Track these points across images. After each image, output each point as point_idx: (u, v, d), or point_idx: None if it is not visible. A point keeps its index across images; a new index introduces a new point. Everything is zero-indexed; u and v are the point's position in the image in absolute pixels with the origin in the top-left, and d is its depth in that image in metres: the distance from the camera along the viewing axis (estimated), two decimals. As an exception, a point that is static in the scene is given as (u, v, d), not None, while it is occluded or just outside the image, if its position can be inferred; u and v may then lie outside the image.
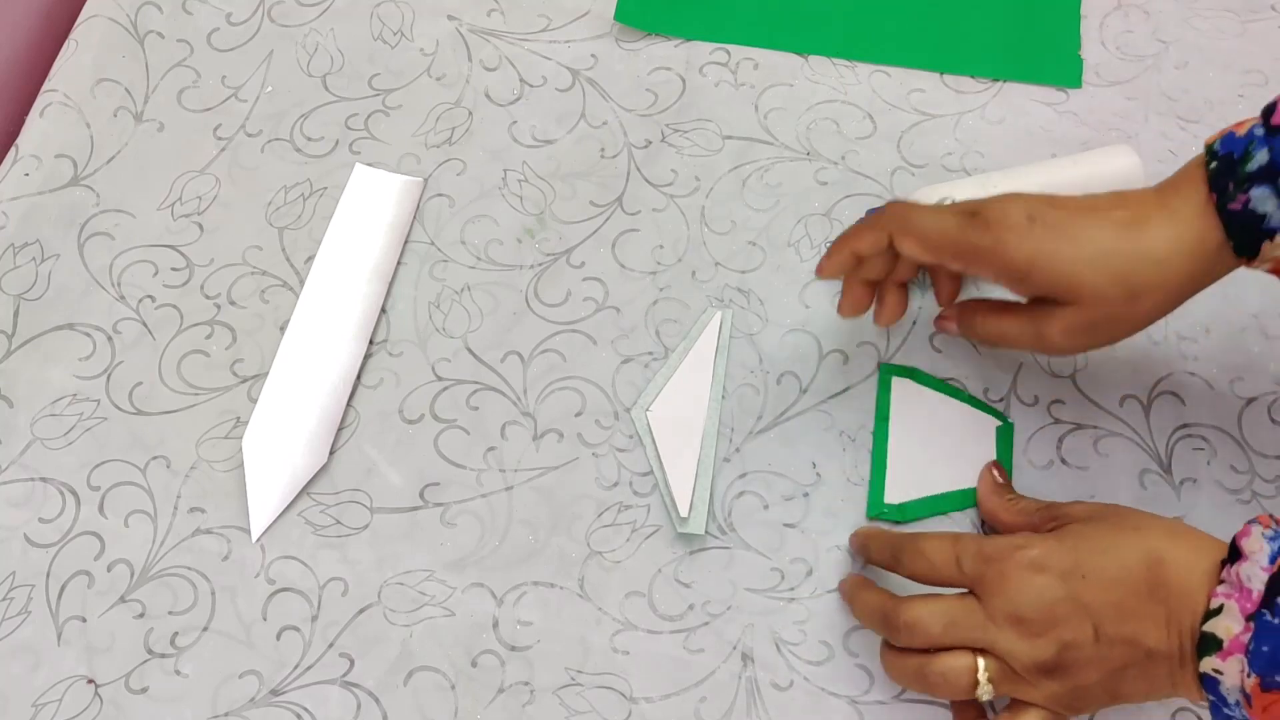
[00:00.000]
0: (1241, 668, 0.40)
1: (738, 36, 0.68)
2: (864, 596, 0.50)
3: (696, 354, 0.59)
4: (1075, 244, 0.47)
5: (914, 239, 0.49)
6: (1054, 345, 0.49)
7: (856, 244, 0.50)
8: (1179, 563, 0.44)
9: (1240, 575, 0.41)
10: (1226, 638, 0.41)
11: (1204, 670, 0.42)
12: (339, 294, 0.61)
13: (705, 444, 0.56)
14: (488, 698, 0.52)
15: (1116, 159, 0.58)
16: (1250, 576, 0.41)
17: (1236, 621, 0.41)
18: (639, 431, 0.57)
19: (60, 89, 0.66)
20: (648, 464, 0.57)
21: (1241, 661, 0.40)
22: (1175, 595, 0.43)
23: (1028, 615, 0.44)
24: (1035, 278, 0.47)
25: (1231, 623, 0.41)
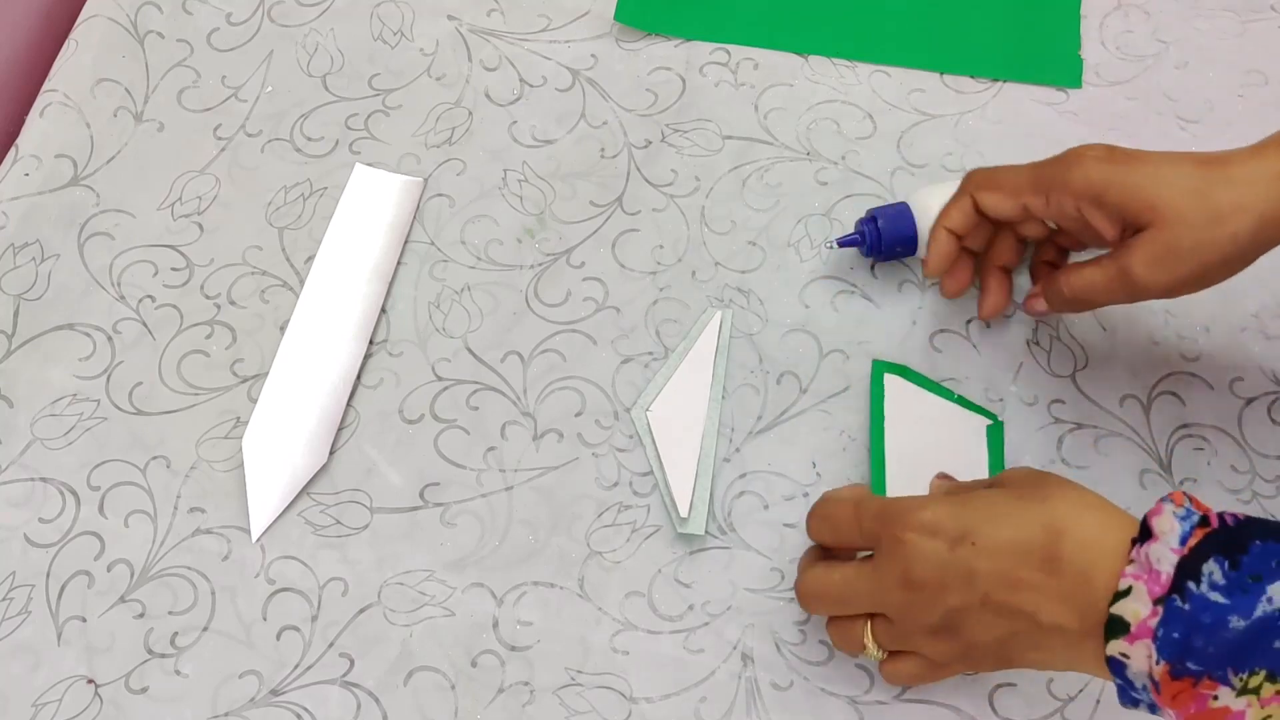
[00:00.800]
0: (1149, 653, 0.39)
1: (738, 36, 0.68)
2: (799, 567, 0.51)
3: (696, 354, 0.59)
4: (1153, 166, 0.48)
5: (993, 189, 0.51)
6: (1140, 281, 0.48)
7: (946, 221, 0.53)
8: (1082, 537, 0.42)
9: (1150, 556, 0.40)
10: (1134, 621, 0.39)
11: (1110, 654, 0.40)
12: (339, 294, 0.61)
13: (705, 444, 0.56)
14: (488, 698, 0.52)
15: None
16: (1160, 558, 0.39)
17: (1144, 605, 0.39)
18: (639, 431, 0.57)
19: (60, 89, 0.66)
20: (648, 464, 0.57)
21: (1149, 647, 0.39)
22: (1073, 570, 0.42)
23: (916, 578, 0.44)
24: (1111, 195, 0.48)
25: (1139, 606, 0.39)
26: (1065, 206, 0.50)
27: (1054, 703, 0.51)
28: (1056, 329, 0.60)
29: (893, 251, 0.59)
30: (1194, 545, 0.39)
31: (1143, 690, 0.40)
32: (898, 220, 0.58)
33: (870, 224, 0.59)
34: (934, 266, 0.55)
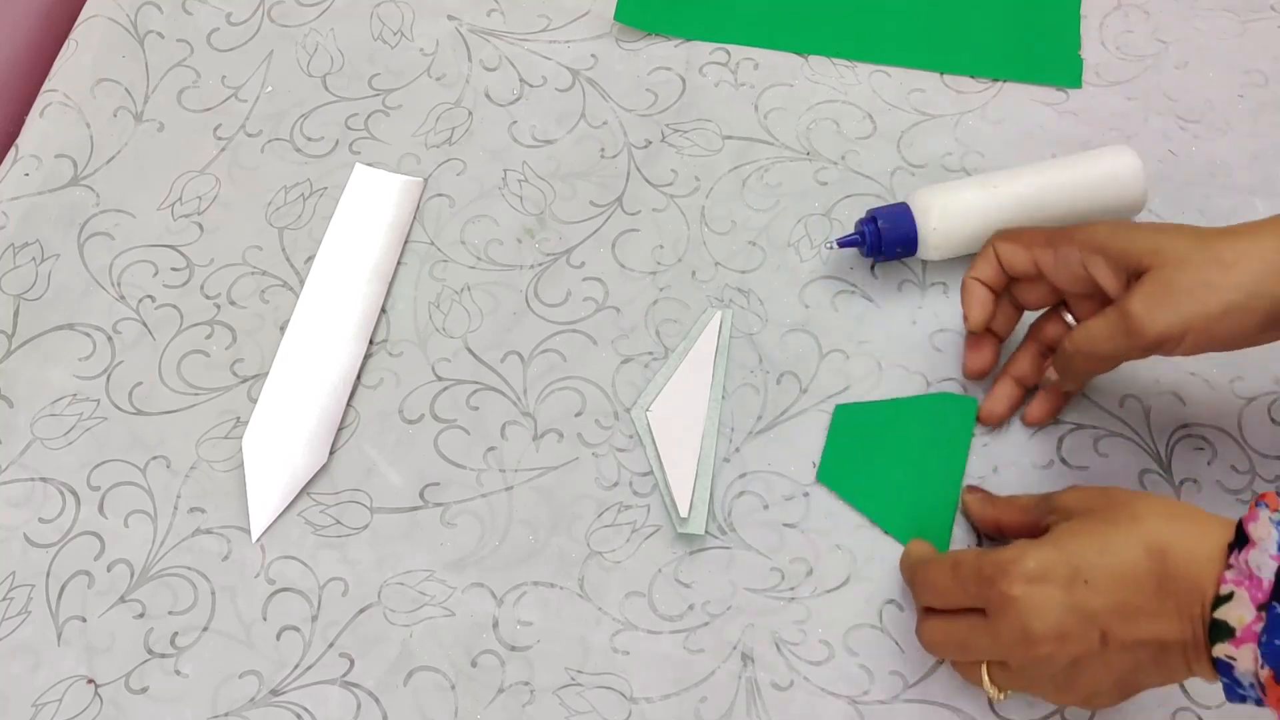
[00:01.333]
0: (1255, 656, 0.40)
1: (738, 36, 0.68)
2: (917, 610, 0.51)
3: (696, 354, 0.59)
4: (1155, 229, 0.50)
5: (1010, 240, 0.53)
6: (1139, 322, 0.47)
7: (973, 273, 0.55)
8: (1183, 550, 0.43)
9: (1249, 562, 0.41)
10: (1239, 626, 0.40)
11: (1217, 655, 0.41)
12: (339, 294, 0.61)
13: (705, 444, 0.56)
14: (488, 698, 0.52)
15: (1117, 159, 0.58)
16: (1260, 565, 0.40)
17: (1247, 610, 0.40)
18: (639, 431, 0.57)
19: (60, 89, 0.66)
20: (648, 464, 0.57)
21: (1254, 650, 0.40)
22: (1183, 584, 0.42)
23: (1036, 633, 0.44)
24: (1114, 245, 0.49)
25: (1243, 611, 0.40)
26: (1071, 261, 0.51)
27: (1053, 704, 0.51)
28: (1056, 329, 0.59)
29: (893, 251, 0.59)
30: None
31: (1250, 689, 0.41)
32: (897, 220, 0.58)
33: (870, 224, 0.59)
34: (974, 318, 0.55)
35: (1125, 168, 0.58)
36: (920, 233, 0.58)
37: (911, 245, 0.59)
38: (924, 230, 0.58)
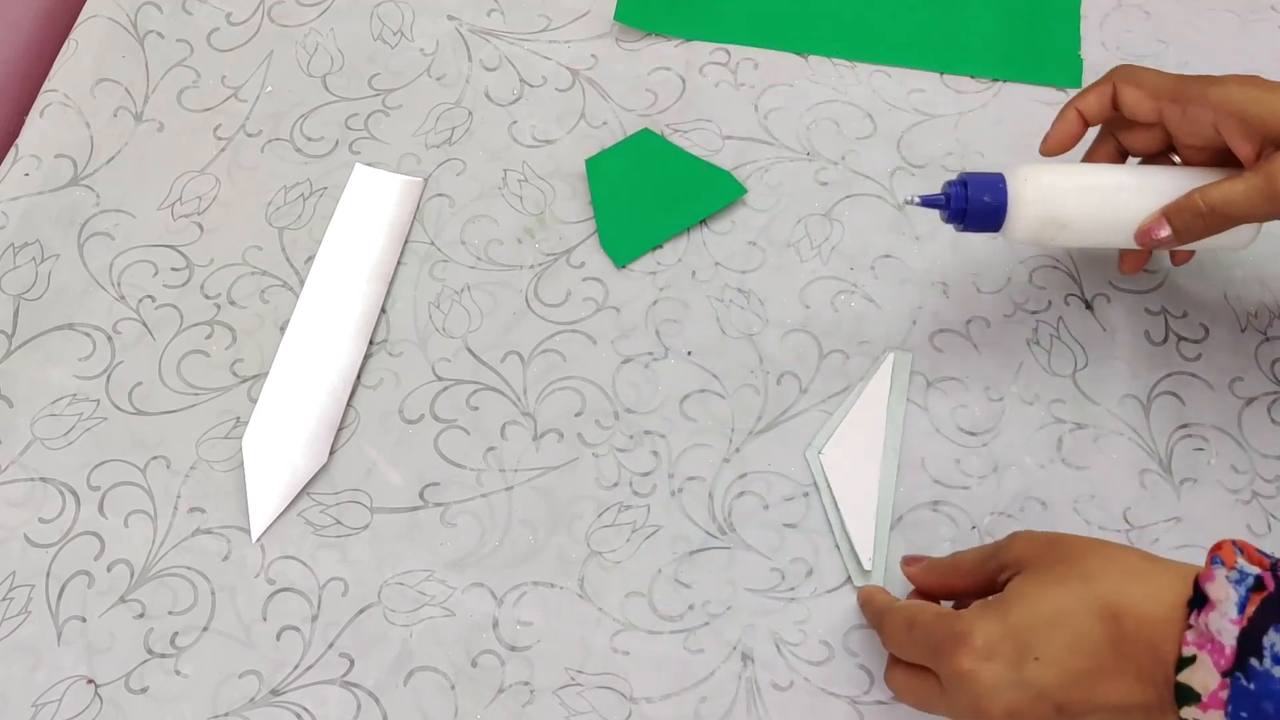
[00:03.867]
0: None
1: (738, 36, 0.68)
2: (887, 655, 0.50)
3: (870, 396, 0.57)
4: None
5: (1136, 85, 0.51)
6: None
7: (1079, 102, 0.52)
8: (1138, 612, 0.41)
9: (1209, 625, 0.39)
10: (1204, 691, 0.39)
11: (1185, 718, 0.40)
12: (339, 294, 0.61)
13: (883, 492, 0.55)
14: (488, 698, 0.52)
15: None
16: (1220, 630, 0.39)
17: (1212, 676, 0.39)
18: (813, 473, 0.56)
19: (60, 89, 0.66)
20: (648, 464, 0.57)
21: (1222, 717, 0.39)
22: (1141, 647, 0.41)
23: (986, 709, 0.42)
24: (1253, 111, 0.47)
25: (1207, 677, 0.39)
26: (1201, 121, 0.49)
27: (1054, 703, 0.51)
28: (1056, 329, 0.60)
29: (977, 219, 0.53)
30: (1252, 615, 0.39)
31: None
32: (989, 189, 0.52)
33: (959, 187, 0.52)
34: (1053, 144, 0.53)
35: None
36: (1011, 207, 0.52)
37: (997, 218, 0.52)
38: (1015, 205, 0.52)
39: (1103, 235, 0.52)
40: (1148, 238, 0.51)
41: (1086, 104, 0.52)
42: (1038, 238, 0.52)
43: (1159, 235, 0.50)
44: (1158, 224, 0.50)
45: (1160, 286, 0.61)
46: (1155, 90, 0.50)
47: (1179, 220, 0.50)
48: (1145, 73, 0.51)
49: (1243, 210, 0.48)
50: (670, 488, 0.56)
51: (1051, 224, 0.52)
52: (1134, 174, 0.53)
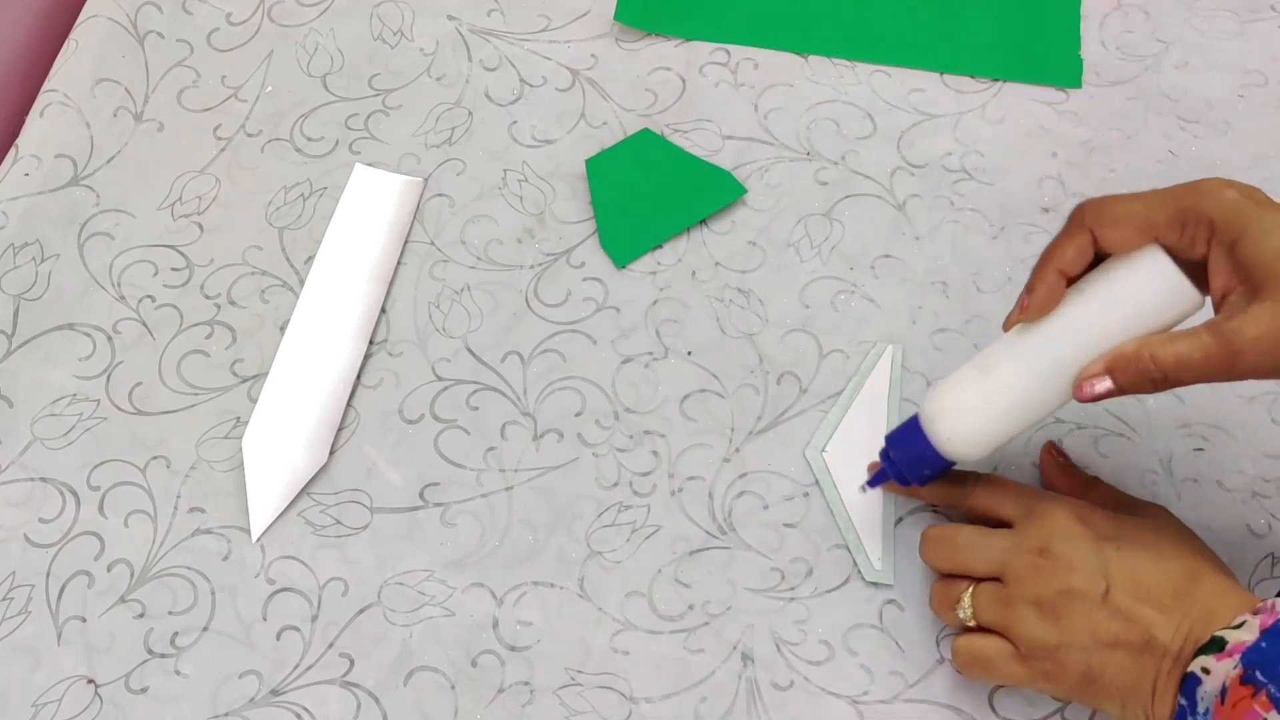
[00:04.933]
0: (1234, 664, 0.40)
1: (738, 36, 0.68)
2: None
3: (869, 391, 0.57)
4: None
5: (1119, 226, 0.44)
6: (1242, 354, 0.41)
7: (1059, 263, 0.45)
8: (1217, 587, 0.44)
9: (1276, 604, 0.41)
10: (1233, 641, 0.40)
11: (1192, 669, 0.41)
12: (339, 294, 0.61)
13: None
14: (488, 698, 0.52)
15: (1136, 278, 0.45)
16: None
17: (1251, 634, 0.40)
18: (815, 473, 0.56)
19: (60, 89, 0.66)
20: (648, 464, 0.57)
21: (1235, 660, 0.40)
22: (1198, 609, 0.43)
23: (1053, 549, 0.46)
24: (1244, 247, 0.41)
25: (1246, 634, 0.40)
26: (1198, 241, 0.43)
27: (1054, 703, 0.51)
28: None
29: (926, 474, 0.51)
30: None
31: (1203, 715, 0.41)
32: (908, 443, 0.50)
33: (885, 456, 0.52)
34: (1038, 310, 0.46)
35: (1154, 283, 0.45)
36: (945, 451, 0.49)
37: (941, 462, 0.50)
38: (945, 448, 0.49)
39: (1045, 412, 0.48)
40: (1090, 391, 0.45)
41: (1066, 262, 0.45)
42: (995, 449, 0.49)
43: (1098, 389, 0.45)
44: (1100, 378, 0.45)
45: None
46: (1146, 225, 0.44)
47: (1124, 378, 0.44)
48: (1122, 204, 0.44)
49: (1197, 376, 0.43)
50: (670, 488, 0.56)
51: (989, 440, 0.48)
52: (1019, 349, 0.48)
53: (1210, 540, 0.50)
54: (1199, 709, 0.41)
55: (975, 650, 0.48)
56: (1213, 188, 0.43)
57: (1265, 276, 0.41)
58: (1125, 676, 0.44)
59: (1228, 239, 0.42)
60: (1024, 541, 0.47)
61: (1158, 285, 0.44)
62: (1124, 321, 0.45)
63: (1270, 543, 0.55)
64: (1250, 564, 0.54)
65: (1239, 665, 0.39)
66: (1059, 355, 0.46)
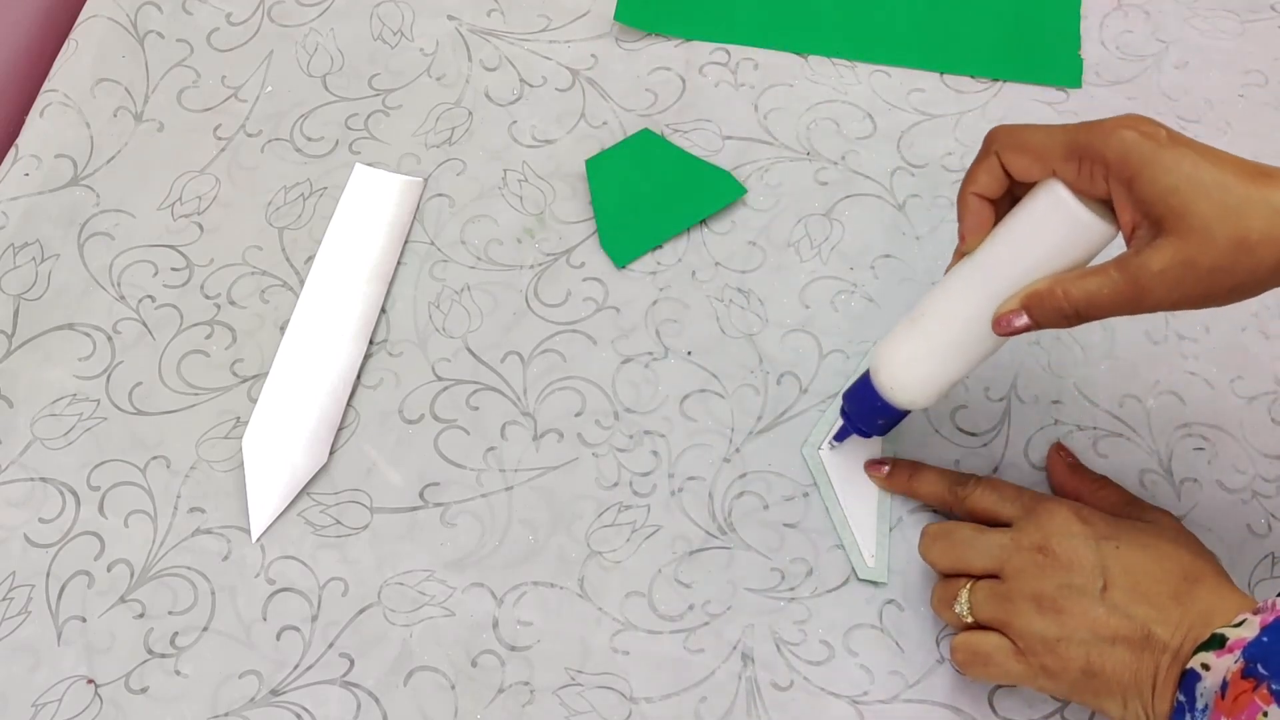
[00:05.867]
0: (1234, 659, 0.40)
1: (738, 36, 0.68)
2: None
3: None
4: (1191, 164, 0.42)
5: (1021, 152, 0.45)
6: (1151, 295, 0.43)
7: (973, 187, 0.47)
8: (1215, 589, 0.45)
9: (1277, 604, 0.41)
10: (1233, 638, 0.41)
11: (1191, 665, 0.41)
12: (339, 294, 0.61)
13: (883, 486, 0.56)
14: (488, 698, 0.52)
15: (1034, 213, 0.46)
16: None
17: (1252, 631, 0.41)
18: (811, 471, 0.56)
19: (60, 89, 0.66)
20: (648, 464, 0.57)
21: (1236, 656, 0.40)
22: (1197, 609, 0.44)
23: (1053, 547, 0.46)
24: (1143, 184, 0.42)
25: (1246, 631, 0.41)
26: (1096, 179, 0.44)
27: (1054, 703, 0.51)
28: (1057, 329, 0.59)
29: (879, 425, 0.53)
30: None
31: (1201, 712, 0.41)
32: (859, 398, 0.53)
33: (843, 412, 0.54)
34: (971, 238, 0.48)
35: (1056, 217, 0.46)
36: (890, 399, 0.51)
37: (891, 410, 0.51)
38: (889, 397, 0.51)
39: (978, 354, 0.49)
40: (1007, 326, 0.46)
41: (980, 185, 0.47)
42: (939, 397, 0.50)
43: (1016, 324, 0.46)
44: (1016, 314, 0.46)
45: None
46: (1045, 153, 0.45)
47: (1039, 314, 0.45)
48: (1028, 133, 0.46)
49: (1107, 311, 0.44)
50: (670, 488, 0.56)
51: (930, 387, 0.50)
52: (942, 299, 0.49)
53: (1210, 540, 0.50)
54: (1198, 705, 0.41)
55: (974, 646, 0.48)
56: (1112, 127, 0.43)
57: (1163, 212, 0.42)
58: (1125, 672, 0.44)
59: (1124, 177, 0.43)
60: (1023, 539, 0.47)
61: (1059, 218, 0.45)
62: (1035, 257, 0.45)
63: (1270, 543, 0.55)
64: (1250, 564, 0.54)
65: (1240, 659, 0.40)
66: (981, 296, 0.47)
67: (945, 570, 0.50)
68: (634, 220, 0.62)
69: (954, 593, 0.49)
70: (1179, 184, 0.42)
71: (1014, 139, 0.46)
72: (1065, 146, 0.44)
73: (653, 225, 0.62)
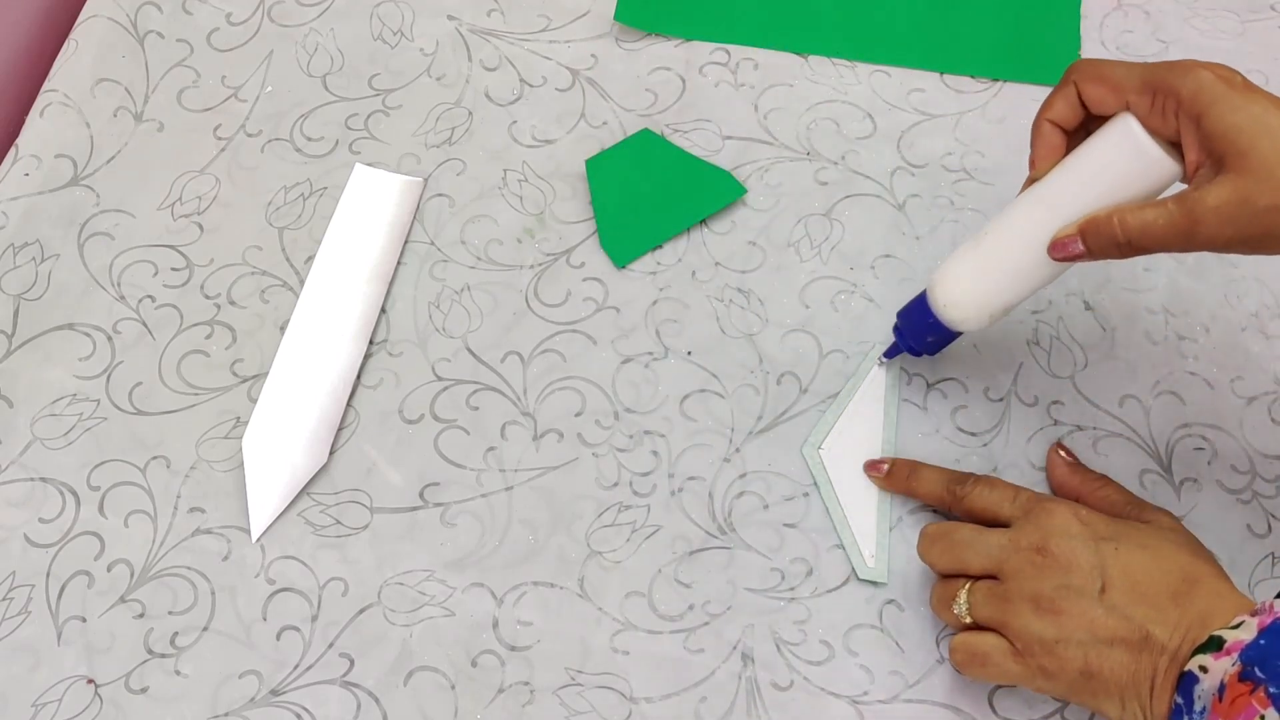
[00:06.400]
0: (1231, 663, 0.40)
1: (738, 36, 0.68)
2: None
3: (867, 391, 0.57)
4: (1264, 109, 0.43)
5: (1099, 83, 0.47)
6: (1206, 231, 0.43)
7: (1049, 113, 0.49)
8: (1214, 590, 0.44)
9: (1274, 605, 0.41)
10: (1230, 640, 0.41)
11: (1189, 667, 0.41)
12: (339, 294, 0.61)
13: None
14: (488, 698, 0.52)
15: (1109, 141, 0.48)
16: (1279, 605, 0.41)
17: (1249, 633, 0.40)
18: (811, 470, 0.56)
19: (60, 89, 0.66)
20: (648, 464, 0.57)
21: (1234, 658, 0.40)
22: (1196, 611, 0.43)
23: (1051, 548, 0.46)
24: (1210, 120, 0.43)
25: (1244, 634, 0.41)
26: (1168, 114, 0.45)
27: (1054, 703, 0.51)
28: (1056, 329, 0.60)
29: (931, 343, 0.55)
30: None
31: (1199, 714, 0.41)
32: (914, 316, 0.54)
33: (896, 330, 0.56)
34: (1041, 164, 0.49)
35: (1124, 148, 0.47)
36: (943, 317, 0.52)
37: (942, 329, 0.53)
38: (942, 315, 0.52)
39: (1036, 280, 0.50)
40: (1062, 251, 0.48)
41: (1056, 113, 0.49)
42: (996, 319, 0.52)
43: (1073, 250, 0.47)
44: (1072, 240, 0.47)
45: (1160, 287, 0.61)
46: (1121, 86, 0.46)
47: (1094, 241, 0.47)
48: (1107, 66, 0.47)
49: (1160, 244, 0.45)
50: (670, 488, 0.56)
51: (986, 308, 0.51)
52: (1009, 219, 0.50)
53: (1210, 540, 0.50)
54: (1195, 707, 0.41)
55: (972, 647, 0.48)
56: (1188, 66, 0.45)
57: (1226, 149, 0.42)
58: (1123, 673, 0.44)
59: (1194, 113, 0.44)
60: (1021, 539, 0.47)
61: (1127, 151, 0.46)
62: (1100, 188, 0.47)
63: (1270, 543, 0.55)
64: (1250, 564, 0.54)
65: (1237, 662, 0.40)
66: (1042, 221, 0.48)
67: (943, 571, 0.50)
68: (634, 220, 0.62)
69: (952, 593, 0.49)
70: (1245, 123, 0.42)
71: (1094, 70, 0.47)
72: (1142, 79, 0.45)
73: (653, 225, 0.62)
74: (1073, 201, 0.47)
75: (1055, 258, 0.48)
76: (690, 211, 0.62)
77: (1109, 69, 0.47)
